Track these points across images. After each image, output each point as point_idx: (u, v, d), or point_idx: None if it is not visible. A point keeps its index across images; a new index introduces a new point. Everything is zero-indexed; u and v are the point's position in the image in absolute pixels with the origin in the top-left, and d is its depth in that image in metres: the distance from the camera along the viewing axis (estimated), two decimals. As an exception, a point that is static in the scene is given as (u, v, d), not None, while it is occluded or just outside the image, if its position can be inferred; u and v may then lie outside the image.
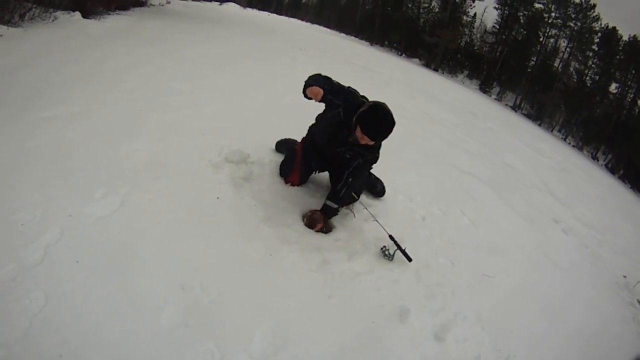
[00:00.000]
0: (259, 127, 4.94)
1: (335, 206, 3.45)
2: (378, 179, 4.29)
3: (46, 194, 2.95)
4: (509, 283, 3.80)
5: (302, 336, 2.49)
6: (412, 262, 3.32)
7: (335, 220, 3.59)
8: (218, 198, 3.42)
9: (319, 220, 3.39)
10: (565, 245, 5.41)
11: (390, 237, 3.38)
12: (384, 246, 3.36)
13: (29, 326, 2.06)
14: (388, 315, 2.86)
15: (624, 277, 5.10)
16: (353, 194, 3.51)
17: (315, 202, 3.71)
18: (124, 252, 2.64)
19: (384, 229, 3.45)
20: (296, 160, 3.84)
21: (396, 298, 3.01)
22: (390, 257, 3.30)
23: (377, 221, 3.52)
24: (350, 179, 3.46)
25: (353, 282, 3.02)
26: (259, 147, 4.25)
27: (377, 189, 4.24)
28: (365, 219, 3.67)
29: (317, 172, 3.99)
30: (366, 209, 3.73)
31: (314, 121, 3.87)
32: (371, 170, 4.10)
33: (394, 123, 3.17)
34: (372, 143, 3.25)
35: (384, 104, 3.22)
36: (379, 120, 3.13)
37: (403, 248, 3.31)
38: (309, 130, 3.91)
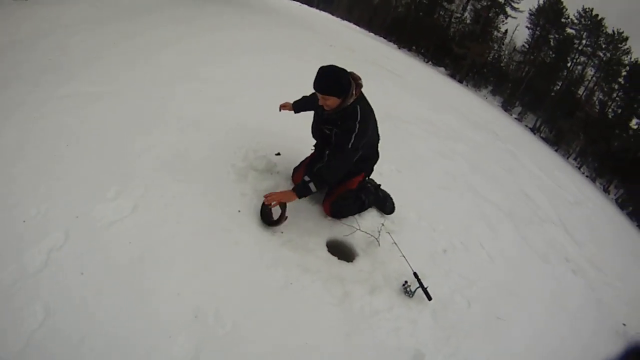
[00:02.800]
0: (290, 132, 4.65)
1: (308, 179, 3.15)
2: (388, 195, 4.18)
3: (52, 187, 2.80)
4: (520, 328, 3.72)
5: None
6: (431, 301, 3.21)
7: (359, 248, 3.47)
8: (239, 211, 3.26)
9: (286, 197, 3.11)
10: (574, 287, 5.37)
11: (415, 274, 3.26)
12: (406, 282, 3.24)
13: (26, 345, 1.91)
14: (403, 359, 2.75)
15: (624, 325, 5.04)
16: (328, 174, 3.18)
17: (341, 229, 3.57)
18: (133, 268, 2.47)
19: (410, 266, 3.34)
20: (304, 161, 3.83)
21: (412, 341, 2.89)
22: (411, 295, 3.18)
23: (404, 257, 3.39)
24: (328, 158, 3.23)
25: (372, 320, 2.89)
26: (287, 155, 4.07)
27: (386, 208, 4.11)
28: (389, 249, 3.53)
29: None
30: (394, 243, 3.59)
31: None
32: (381, 187, 4.14)
33: (332, 72, 3.13)
34: (328, 103, 3.17)
35: (334, 65, 3.21)
36: (319, 73, 3.10)
37: (425, 287, 3.19)
38: None
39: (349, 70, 3.23)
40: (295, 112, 3.91)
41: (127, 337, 2.11)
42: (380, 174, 4.74)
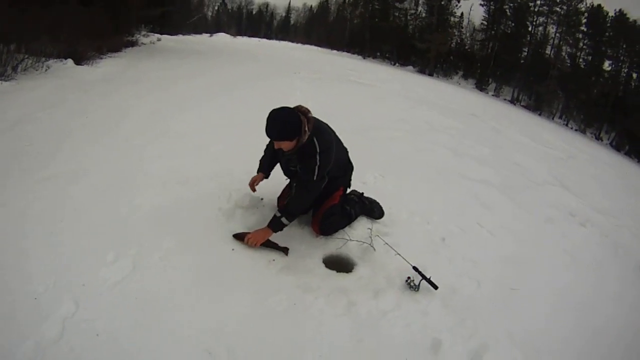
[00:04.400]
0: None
1: (279, 215, 3.33)
2: (373, 200, 4.24)
3: (56, 261, 2.91)
4: (537, 293, 3.72)
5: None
6: (438, 290, 3.24)
7: (356, 257, 3.54)
8: (233, 250, 3.35)
9: (263, 235, 3.35)
10: (586, 239, 5.37)
11: (415, 268, 3.31)
12: (409, 277, 3.28)
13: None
14: (421, 350, 2.78)
15: None
16: (296, 208, 3.36)
17: (335, 243, 3.66)
18: (143, 320, 2.57)
19: (407, 261, 3.38)
20: (285, 189, 3.93)
21: (427, 331, 2.92)
22: (416, 288, 3.21)
23: (399, 254, 3.45)
24: (295, 191, 3.42)
25: (382, 321, 2.93)
26: (270, 187, 4.09)
27: (375, 213, 4.18)
28: (386, 251, 3.57)
29: None
30: (386, 243, 3.64)
31: None
32: (365, 194, 4.20)
33: (280, 117, 3.15)
34: (284, 147, 3.24)
35: (287, 107, 3.25)
36: (268, 121, 3.14)
37: (428, 277, 3.24)
38: None
39: (294, 106, 3.29)
40: (267, 177, 3.89)
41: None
42: (364, 183, 4.84)
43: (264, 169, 3.84)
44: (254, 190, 3.81)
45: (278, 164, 3.77)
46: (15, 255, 2.93)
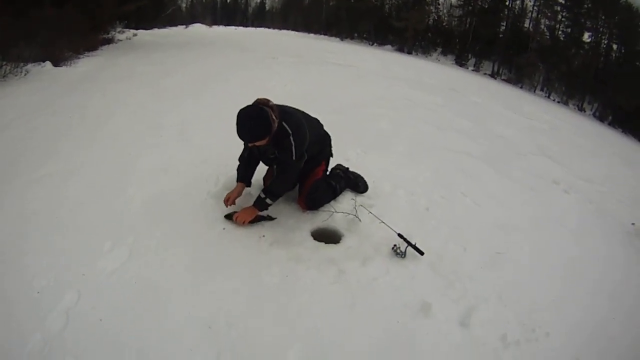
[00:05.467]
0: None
1: (263, 196, 3.44)
2: (358, 175, 4.33)
3: (55, 256, 3.00)
4: (523, 256, 3.83)
5: (334, 350, 2.54)
6: (424, 256, 3.35)
7: (343, 228, 3.64)
8: (224, 229, 3.45)
9: (250, 213, 3.46)
10: (570, 205, 5.44)
11: (399, 235, 3.41)
12: (395, 245, 3.38)
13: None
14: (411, 312, 2.89)
15: (633, 224, 5.13)
16: (279, 188, 3.50)
17: (321, 217, 3.75)
18: (144, 303, 2.68)
19: (391, 229, 3.48)
20: (269, 169, 3.97)
21: (416, 294, 3.03)
22: (402, 255, 3.32)
23: (384, 222, 3.56)
24: (277, 174, 3.56)
25: (371, 286, 3.05)
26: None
27: (359, 187, 4.26)
28: (371, 222, 3.67)
29: None
30: (370, 212, 3.75)
31: None
32: (350, 169, 4.31)
33: (247, 121, 3.14)
34: (258, 144, 3.27)
35: (250, 105, 3.25)
36: (237, 127, 3.15)
37: (413, 243, 3.34)
38: None
39: (254, 101, 3.30)
40: (249, 186, 3.84)
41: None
42: (347, 160, 4.88)
43: (245, 178, 3.78)
44: (227, 206, 3.66)
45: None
46: (15, 254, 3.02)
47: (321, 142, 3.90)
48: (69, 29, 10.88)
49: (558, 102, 29.95)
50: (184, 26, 32.15)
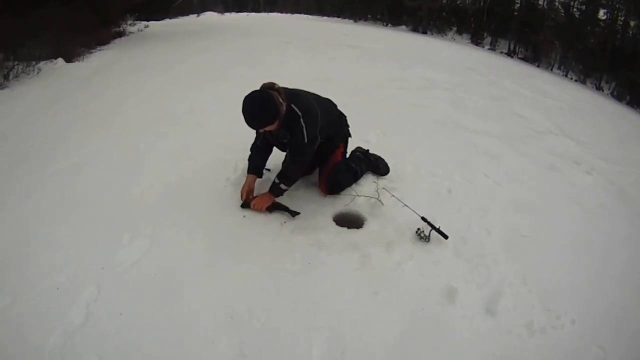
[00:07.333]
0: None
1: (278, 181, 3.40)
2: (378, 157, 4.25)
3: (74, 250, 2.99)
4: (546, 239, 3.74)
5: (358, 339, 2.49)
6: (448, 239, 3.29)
7: (365, 212, 3.58)
8: (244, 216, 3.42)
9: (266, 200, 3.42)
10: (592, 185, 5.30)
11: (423, 218, 3.35)
12: (419, 229, 3.32)
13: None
14: (436, 298, 2.84)
15: None
16: (292, 172, 3.45)
17: (343, 201, 3.70)
18: (164, 294, 2.66)
19: (415, 212, 3.41)
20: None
21: (441, 279, 2.98)
22: (426, 239, 3.26)
23: (407, 205, 3.48)
24: (290, 158, 3.47)
25: (396, 272, 2.99)
26: (275, 154, 4.05)
27: (380, 170, 4.20)
28: (394, 205, 3.61)
29: None
30: (393, 195, 3.67)
31: None
32: (370, 151, 4.20)
33: (254, 108, 3.08)
34: (268, 129, 3.20)
35: (254, 90, 3.18)
36: (244, 115, 3.09)
37: (437, 227, 3.28)
38: None
39: (260, 87, 3.23)
40: (260, 177, 3.75)
41: (175, 353, 2.30)
42: (367, 142, 4.80)
43: (256, 169, 3.70)
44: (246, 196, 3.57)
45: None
46: (32, 252, 3.01)
47: (337, 122, 3.82)
48: (78, 25, 10.90)
49: (575, 80, 29.37)
50: (196, 15, 31.97)
